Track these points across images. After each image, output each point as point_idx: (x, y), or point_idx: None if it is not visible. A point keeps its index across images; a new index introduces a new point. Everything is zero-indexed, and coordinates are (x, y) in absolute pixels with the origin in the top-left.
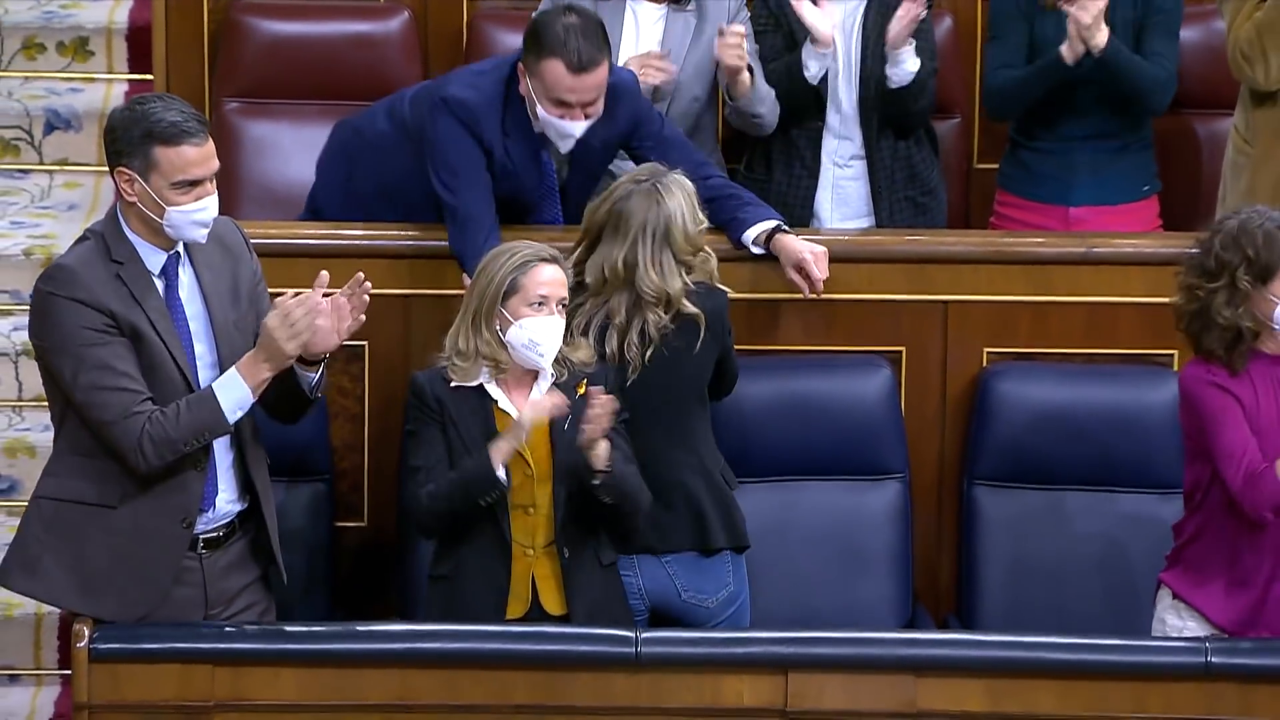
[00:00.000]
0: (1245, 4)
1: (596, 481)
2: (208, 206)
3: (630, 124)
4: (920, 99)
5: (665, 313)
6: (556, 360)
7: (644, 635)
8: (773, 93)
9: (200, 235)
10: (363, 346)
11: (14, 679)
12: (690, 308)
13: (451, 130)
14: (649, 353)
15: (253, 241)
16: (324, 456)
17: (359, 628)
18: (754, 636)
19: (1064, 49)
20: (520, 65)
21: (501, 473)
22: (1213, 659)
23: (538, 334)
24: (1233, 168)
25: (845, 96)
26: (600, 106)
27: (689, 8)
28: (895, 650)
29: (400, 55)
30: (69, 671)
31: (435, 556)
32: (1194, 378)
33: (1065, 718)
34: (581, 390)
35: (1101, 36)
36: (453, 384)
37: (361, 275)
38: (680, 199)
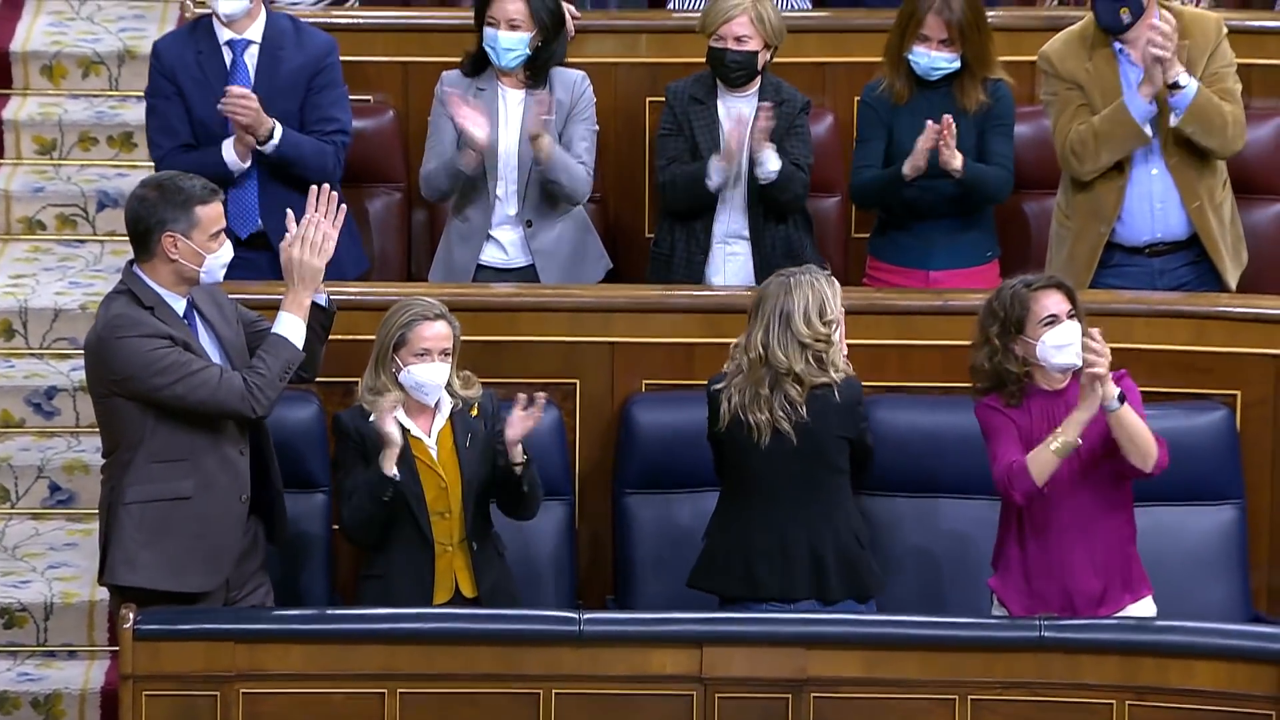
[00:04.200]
0: (1068, 108)
1: (518, 472)
2: (229, 249)
3: (313, 63)
4: (786, 191)
5: (798, 387)
6: (452, 393)
7: (585, 616)
8: (581, 170)
9: (222, 274)
10: (355, 383)
11: (72, 654)
12: (820, 385)
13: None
14: (786, 424)
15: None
16: (324, 472)
17: (352, 611)
18: (674, 617)
19: (905, 166)
20: None
21: (392, 472)
22: (1045, 634)
23: (421, 378)
24: (1056, 238)
25: (735, 188)
26: None
27: (542, 90)
28: (789, 628)
29: (384, 147)
30: (116, 648)
31: (366, 561)
32: (980, 406)
33: (927, 681)
34: (475, 413)
35: (956, 161)
36: (371, 419)
37: (322, 186)
38: (806, 293)
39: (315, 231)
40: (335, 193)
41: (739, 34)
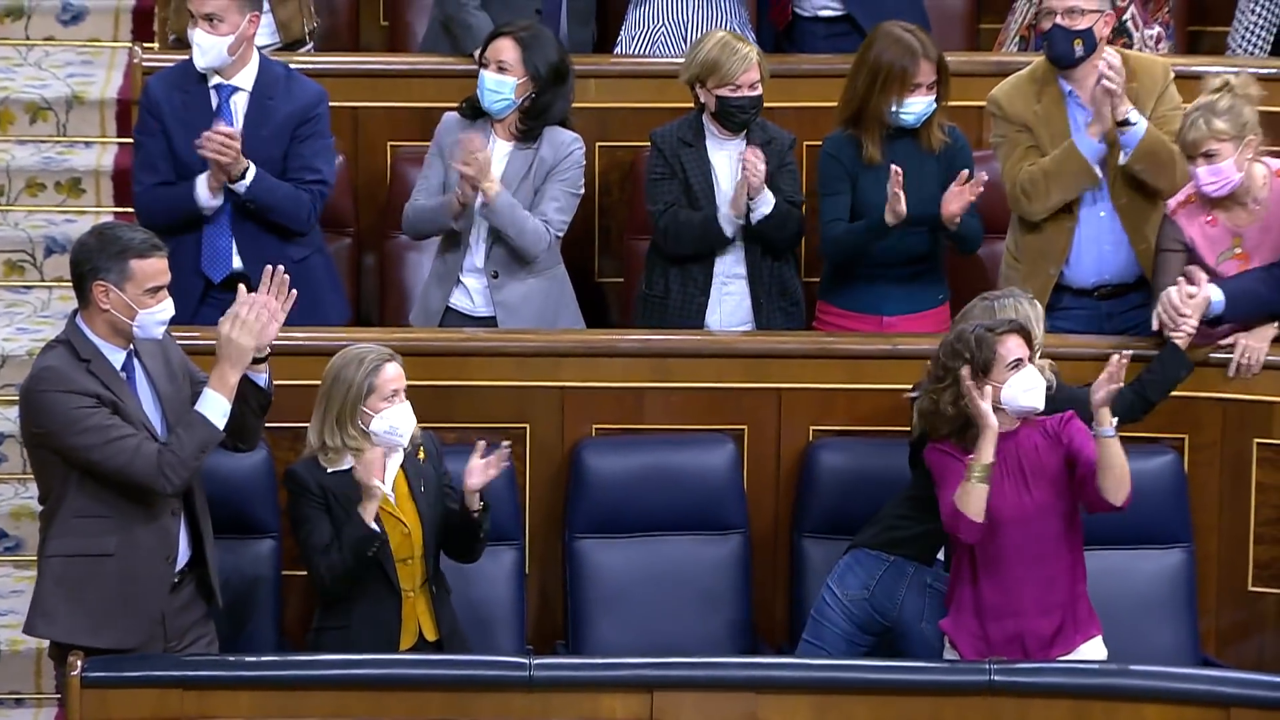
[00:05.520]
0: (1016, 149)
1: (476, 519)
2: (168, 307)
3: (301, 112)
4: (784, 229)
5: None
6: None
7: (535, 661)
8: (535, 226)
9: (160, 332)
10: (305, 428)
11: (19, 702)
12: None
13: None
14: None
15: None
16: (273, 518)
17: (302, 657)
18: (625, 662)
19: (888, 214)
20: None
21: (374, 526)
22: (995, 677)
23: (396, 421)
24: (1005, 280)
25: (731, 229)
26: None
27: (531, 146)
28: (739, 673)
29: (335, 192)
30: (63, 696)
31: (322, 613)
32: (932, 450)
33: None
34: (422, 456)
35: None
36: (329, 470)
37: (275, 268)
38: (1011, 314)
39: (252, 312)
40: (287, 277)
41: (754, 80)
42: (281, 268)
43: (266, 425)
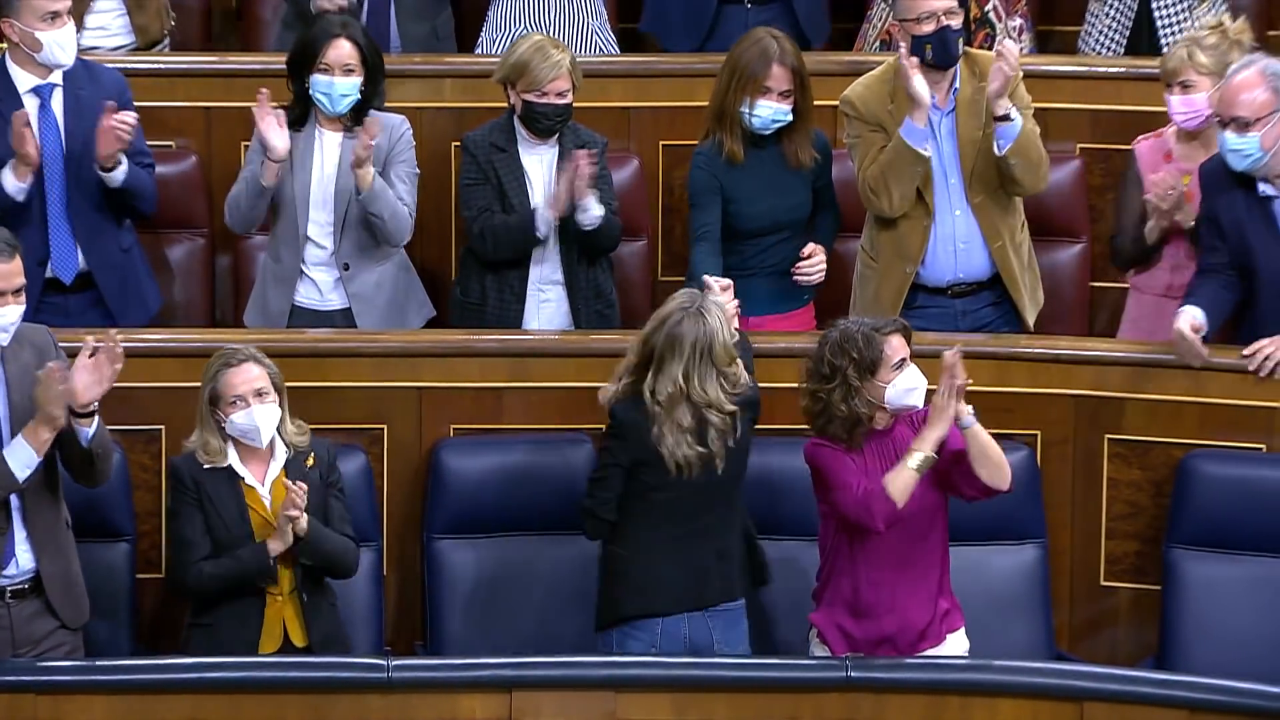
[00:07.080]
0: (870, 149)
1: (298, 547)
2: (11, 312)
3: (116, 98)
4: (607, 236)
5: (720, 414)
6: (286, 440)
7: (394, 662)
8: (404, 209)
9: (3, 339)
10: (159, 430)
11: None
12: (730, 407)
13: None
14: (724, 447)
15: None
16: (128, 520)
17: (157, 660)
18: (483, 662)
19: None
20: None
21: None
22: (852, 674)
23: (242, 424)
24: (861, 279)
25: (545, 229)
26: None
27: (358, 129)
28: (598, 671)
29: (187, 193)
30: None
31: (195, 608)
32: (813, 445)
33: None
34: (310, 463)
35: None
36: (206, 466)
37: (112, 331)
38: (718, 316)
39: (49, 385)
40: (121, 350)
41: (562, 89)
42: (118, 334)
43: (123, 428)
